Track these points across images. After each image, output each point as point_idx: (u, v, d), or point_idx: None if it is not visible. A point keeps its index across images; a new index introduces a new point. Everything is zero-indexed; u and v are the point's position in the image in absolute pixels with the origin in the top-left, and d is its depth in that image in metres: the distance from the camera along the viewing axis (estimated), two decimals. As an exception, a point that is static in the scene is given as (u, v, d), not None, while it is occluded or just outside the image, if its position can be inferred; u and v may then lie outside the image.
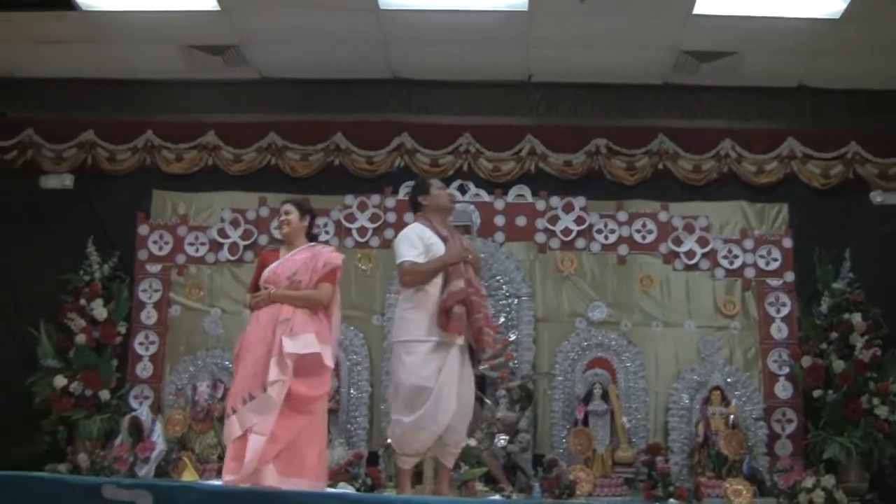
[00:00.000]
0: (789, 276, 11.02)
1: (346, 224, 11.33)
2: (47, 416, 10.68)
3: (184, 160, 11.68)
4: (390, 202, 11.32)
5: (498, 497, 9.43)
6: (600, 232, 11.23)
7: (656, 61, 11.04)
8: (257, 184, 11.53)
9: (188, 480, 9.19)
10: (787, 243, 11.10)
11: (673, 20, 10.16)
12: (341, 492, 8.66)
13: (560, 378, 10.77)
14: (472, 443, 9.94)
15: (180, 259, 11.33)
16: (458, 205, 10.93)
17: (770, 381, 10.78)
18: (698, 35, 10.38)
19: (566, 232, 11.21)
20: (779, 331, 10.90)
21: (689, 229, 11.17)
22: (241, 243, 11.32)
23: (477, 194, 11.40)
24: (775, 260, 11.07)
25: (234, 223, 11.29)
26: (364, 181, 11.51)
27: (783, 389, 10.75)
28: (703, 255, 11.11)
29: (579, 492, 9.64)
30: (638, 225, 11.23)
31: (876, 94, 11.31)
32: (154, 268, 11.36)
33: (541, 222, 11.26)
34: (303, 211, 7.56)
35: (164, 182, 11.71)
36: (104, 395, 10.80)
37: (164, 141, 11.67)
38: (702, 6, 9.83)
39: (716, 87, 11.43)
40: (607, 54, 10.88)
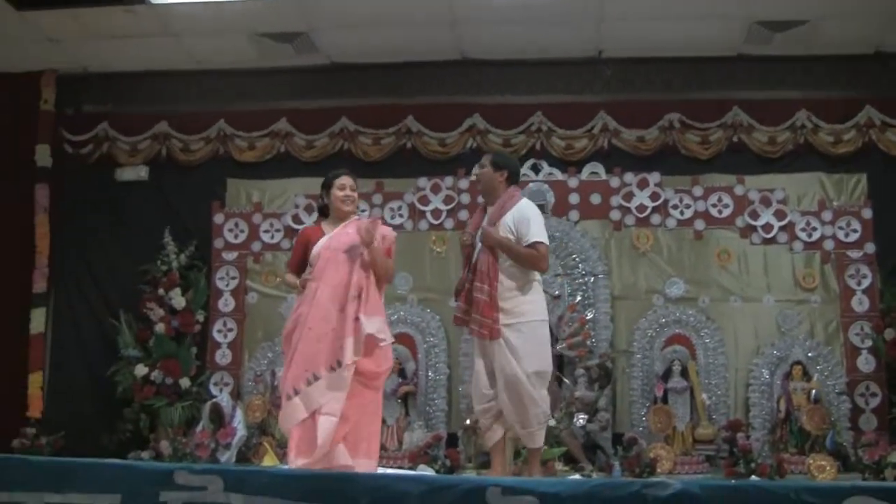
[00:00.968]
0: (869, 248, 10.81)
1: (419, 207, 11.33)
2: (129, 405, 10.88)
3: (256, 148, 11.77)
4: (463, 184, 11.30)
5: (578, 476, 9.39)
6: (676, 207, 11.10)
7: (729, 32, 10.87)
8: (330, 169, 11.15)
9: (268, 465, 9.25)
10: (867, 214, 10.89)
11: (745, -10, 10.03)
12: (418, 473, 8.68)
13: (638, 356, 10.70)
14: (552, 423, 9.93)
15: (256, 246, 11.42)
16: (532, 184, 10.98)
17: (852, 355, 10.61)
18: (771, 4, 10.22)
19: (641, 208, 11.11)
20: (860, 303, 10.71)
21: (765, 202, 11.00)
22: (316, 229, 11.36)
23: (550, 173, 11.34)
24: (855, 231, 10.86)
25: (308, 209, 11.28)
26: (436, 163, 11.52)
27: (866, 363, 10.57)
28: (781, 228, 10.93)
29: (660, 470, 9.56)
30: (714, 199, 11.08)
31: (955, 59, 11.08)
32: (230, 256, 11.47)
33: (615, 199, 11.17)
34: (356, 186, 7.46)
35: (238, 170, 11.83)
36: (184, 382, 10.96)
37: (237, 130, 11.78)
38: (775, -26, 9.69)
39: (790, 56, 11.24)
40: (679, 27, 10.73)
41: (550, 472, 9.44)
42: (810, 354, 10.43)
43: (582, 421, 10.08)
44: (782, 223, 10.94)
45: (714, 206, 11.08)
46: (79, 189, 11.80)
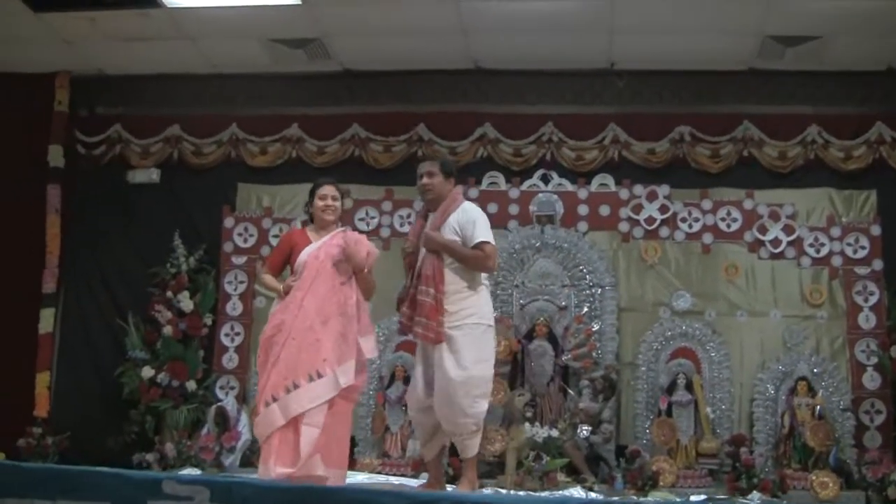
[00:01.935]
0: (877, 265, 10.79)
1: (429, 215, 11.34)
2: (136, 407, 10.91)
3: (268, 153, 11.80)
4: (473, 192, 11.26)
5: (580, 488, 9.40)
6: (684, 220, 11.11)
7: (741, 46, 10.86)
8: (341, 176, 11.31)
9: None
10: (876, 230, 10.88)
11: (758, 4, 9.98)
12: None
13: (643, 368, 10.69)
14: (555, 433, 9.94)
15: (265, 251, 11.40)
16: (541, 194, 11.00)
17: (858, 372, 10.59)
18: (784, 19, 10.20)
19: (650, 221, 11.12)
20: (867, 320, 10.69)
21: (774, 217, 11.00)
22: (325, 235, 11.39)
23: (560, 184, 11.34)
24: (863, 248, 10.84)
25: (318, 215, 11.32)
26: (446, 172, 11.51)
27: (871, 380, 10.54)
28: (789, 243, 10.93)
29: (662, 483, 9.54)
30: (723, 213, 11.09)
31: (967, 77, 11.06)
32: (239, 260, 11.51)
33: (624, 211, 11.18)
34: (342, 195, 7.52)
35: (249, 175, 11.87)
36: (191, 385, 11.00)
37: (249, 134, 11.81)
38: (787, -10, 9.70)
39: (801, 71, 11.23)
40: (691, 40, 10.74)
41: (553, 483, 9.46)
42: (816, 370, 10.39)
43: (585, 432, 10.06)
44: (791, 238, 10.93)
45: (723, 219, 11.07)
46: (90, 190, 11.87)
